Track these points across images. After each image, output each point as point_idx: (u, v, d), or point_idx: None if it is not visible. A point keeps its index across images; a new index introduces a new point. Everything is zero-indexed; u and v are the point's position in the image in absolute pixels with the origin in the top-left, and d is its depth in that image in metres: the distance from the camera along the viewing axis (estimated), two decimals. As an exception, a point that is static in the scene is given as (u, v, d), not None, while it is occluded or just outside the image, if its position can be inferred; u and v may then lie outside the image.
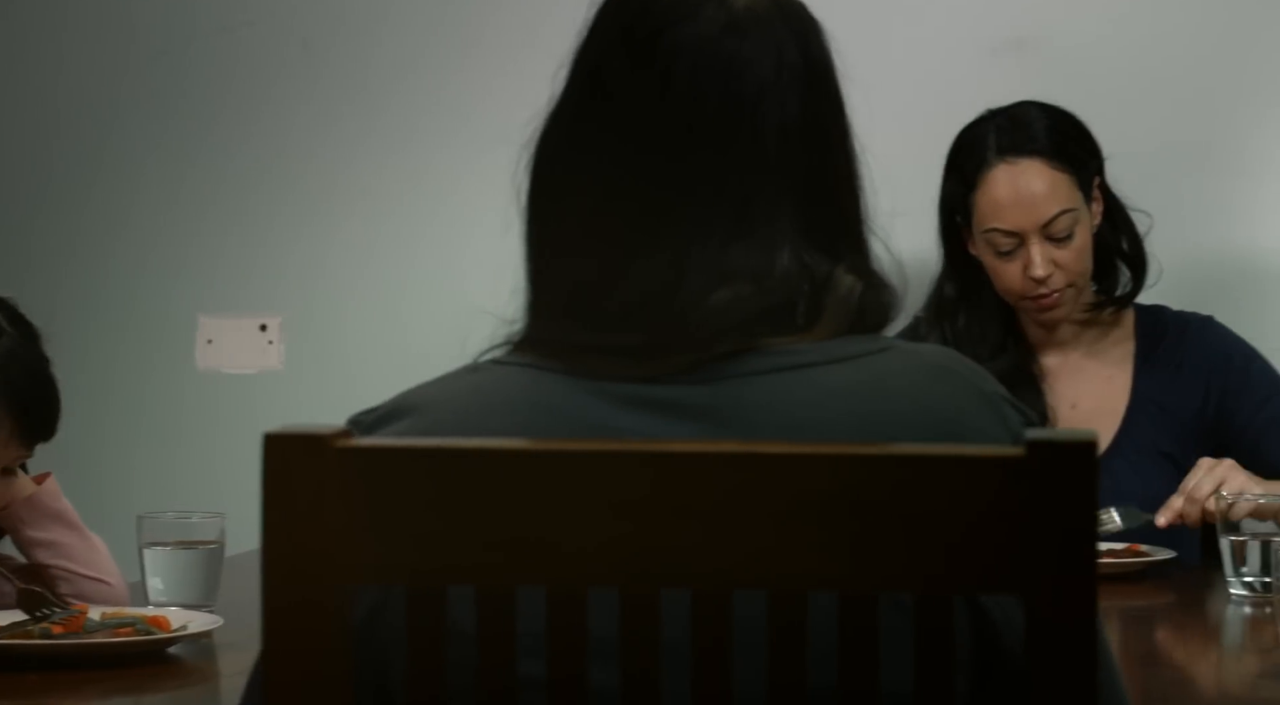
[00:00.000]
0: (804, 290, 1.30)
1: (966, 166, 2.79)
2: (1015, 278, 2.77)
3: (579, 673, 1.10)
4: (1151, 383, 2.82)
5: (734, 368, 1.27)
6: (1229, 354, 2.81)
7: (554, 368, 1.30)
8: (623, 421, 1.27)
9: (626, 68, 1.32)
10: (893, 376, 1.28)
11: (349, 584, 1.10)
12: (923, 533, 1.10)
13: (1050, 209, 2.74)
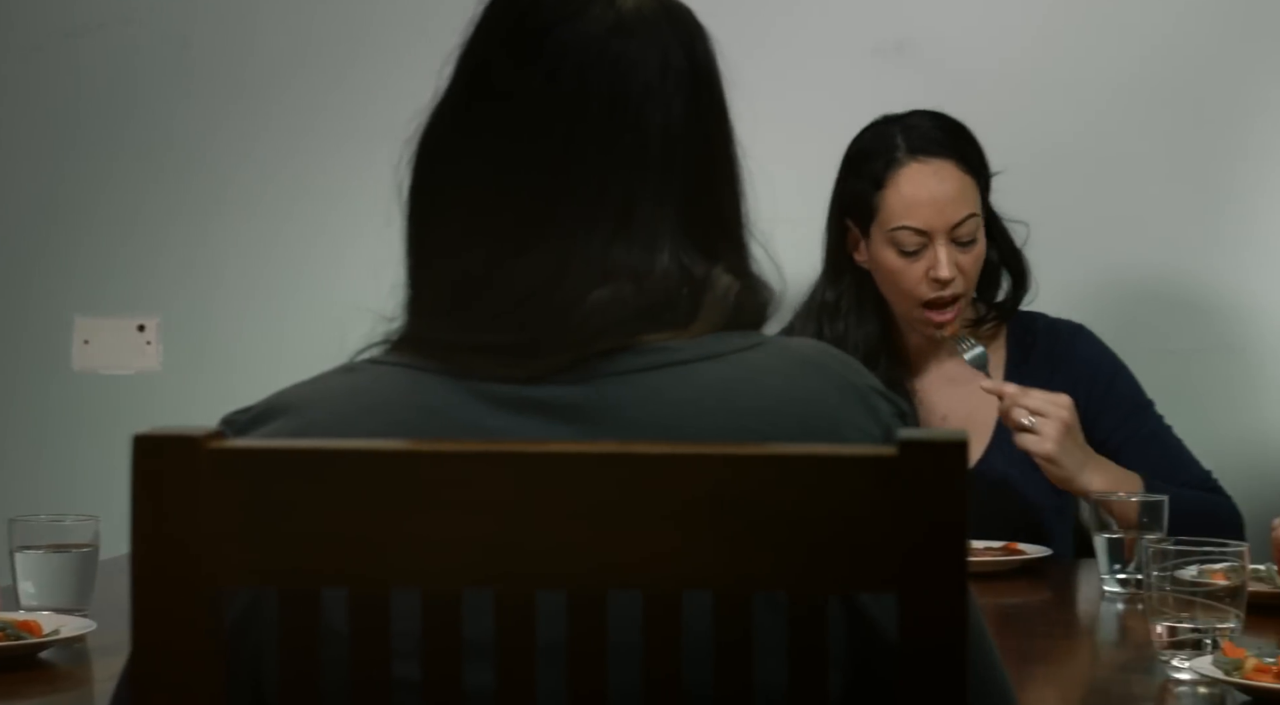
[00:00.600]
0: (683, 289, 1.30)
1: (875, 165, 2.78)
2: (917, 279, 2.76)
3: (453, 674, 1.10)
4: (1024, 394, 2.84)
5: (610, 366, 1.27)
6: (1097, 365, 2.83)
7: (431, 367, 1.29)
8: (500, 422, 1.27)
9: (512, 65, 1.33)
10: (766, 372, 1.29)
11: (221, 586, 1.09)
12: (796, 532, 1.10)
13: (961, 211, 2.76)
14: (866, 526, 1.10)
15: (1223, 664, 1.78)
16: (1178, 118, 3.16)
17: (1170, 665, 1.90)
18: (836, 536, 1.11)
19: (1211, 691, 1.82)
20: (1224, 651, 1.82)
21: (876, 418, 1.30)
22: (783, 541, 1.10)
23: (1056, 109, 3.20)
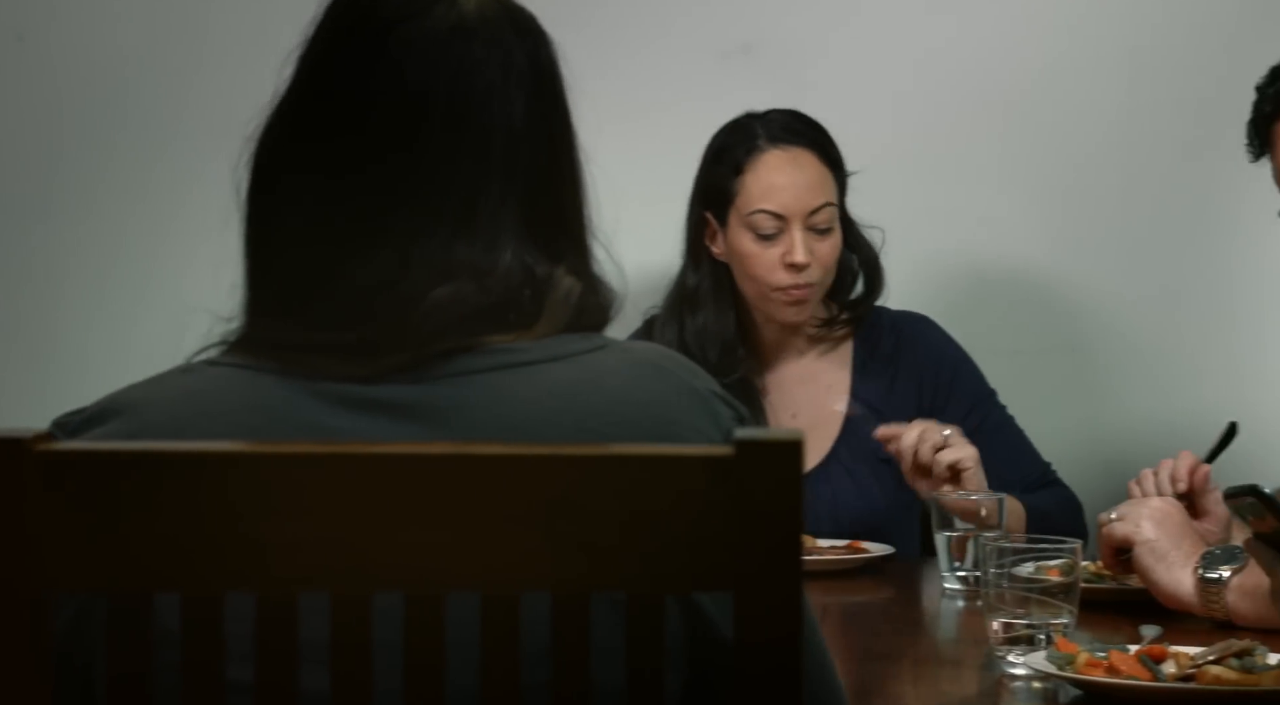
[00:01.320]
0: (525, 289, 1.30)
1: (736, 152, 2.82)
2: (772, 265, 2.79)
3: (288, 677, 1.09)
4: (870, 389, 2.87)
5: (453, 366, 1.27)
6: (941, 356, 2.88)
7: (270, 368, 1.29)
8: (341, 422, 1.26)
9: (353, 64, 1.32)
10: (609, 374, 1.30)
11: (49, 592, 1.07)
12: (633, 532, 1.11)
13: (818, 198, 2.79)
14: (703, 526, 1.11)
15: (1056, 659, 1.81)
16: (1021, 121, 3.21)
17: (1006, 661, 1.93)
18: (673, 536, 1.11)
19: (1045, 686, 1.85)
20: (1057, 647, 1.85)
21: (717, 422, 1.31)
22: (620, 542, 1.10)
23: (902, 112, 3.23)
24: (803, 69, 3.21)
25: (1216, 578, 2.12)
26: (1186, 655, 1.78)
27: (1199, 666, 1.74)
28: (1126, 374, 3.19)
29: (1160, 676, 1.74)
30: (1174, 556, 2.18)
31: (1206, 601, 2.13)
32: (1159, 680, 1.74)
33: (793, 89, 3.06)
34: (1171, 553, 2.19)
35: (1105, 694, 1.76)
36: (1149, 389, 3.18)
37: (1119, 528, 2.24)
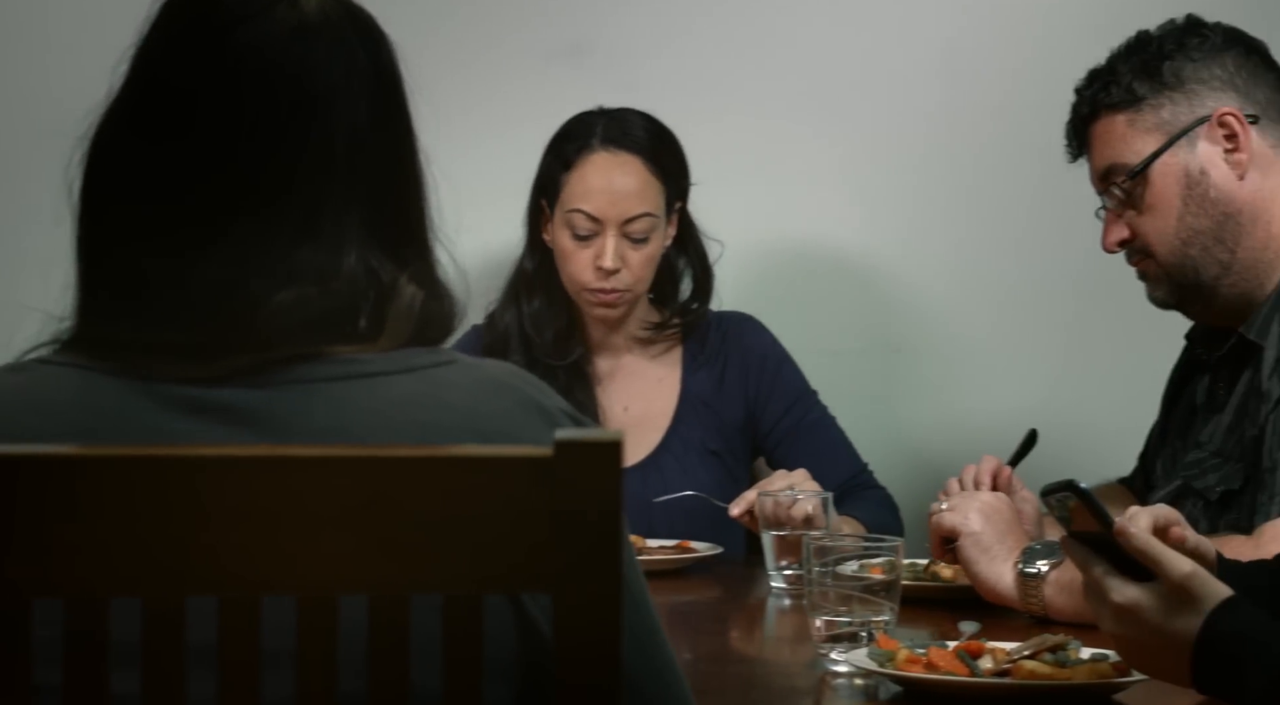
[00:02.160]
0: (368, 296, 1.30)
1: (569, 147, 2.85)
2: (584, 266, 2.82)
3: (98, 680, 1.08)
4: (699, 383, 2.91)
5: (295, 374, 1.27)
6: (765, 355, 2.93)
7: (104, 368, 1.27)
8: (177, 425, 1.25)
9: (192, 64, 1.31)
10: (454, 389, 1.30)
11: None
12: (452, 533, 1.11)
13: (636, 207, 2.82)
14: (522, 527, 1.12)
15: (876, 656, 1.84)
16: (846, 123, 3.25)
17: (829, 658, 1.96)
18: (493, 537, 1.12)
19: (866, 683, 1.88)
20: (878, 644, 1.88)
21: None
22: (438, 543, 1.11)
23: (730, 113, 3.26)
24: (632, 69, 3.23)
25: (1035, 572, 2.17)
26: (1003, 650, 1.81)
27: (1014, 662, 1.78)
28: (946, 374, 3.25)
29: (977, 672, 1.77)
30: (997, 550, 2.22)
31: (1025, 596, 2.17)
32: (975, 675, 1.77)
33: (622, 89, 3.08)
34: (995, 546, 2.23)
35: (923, 690, 1.79)
36: (968, 389, 3.24)
37: (948, 518, 2.28)
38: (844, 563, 2.06)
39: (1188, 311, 2.46)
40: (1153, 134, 2.38)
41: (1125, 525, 1.56)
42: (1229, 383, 2.39)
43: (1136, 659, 1.62)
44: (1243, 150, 2.36)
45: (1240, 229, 2.36)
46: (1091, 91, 2.42)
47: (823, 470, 2.73)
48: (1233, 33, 2.41)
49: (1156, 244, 2.40)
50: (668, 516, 2.77)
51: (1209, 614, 1.50)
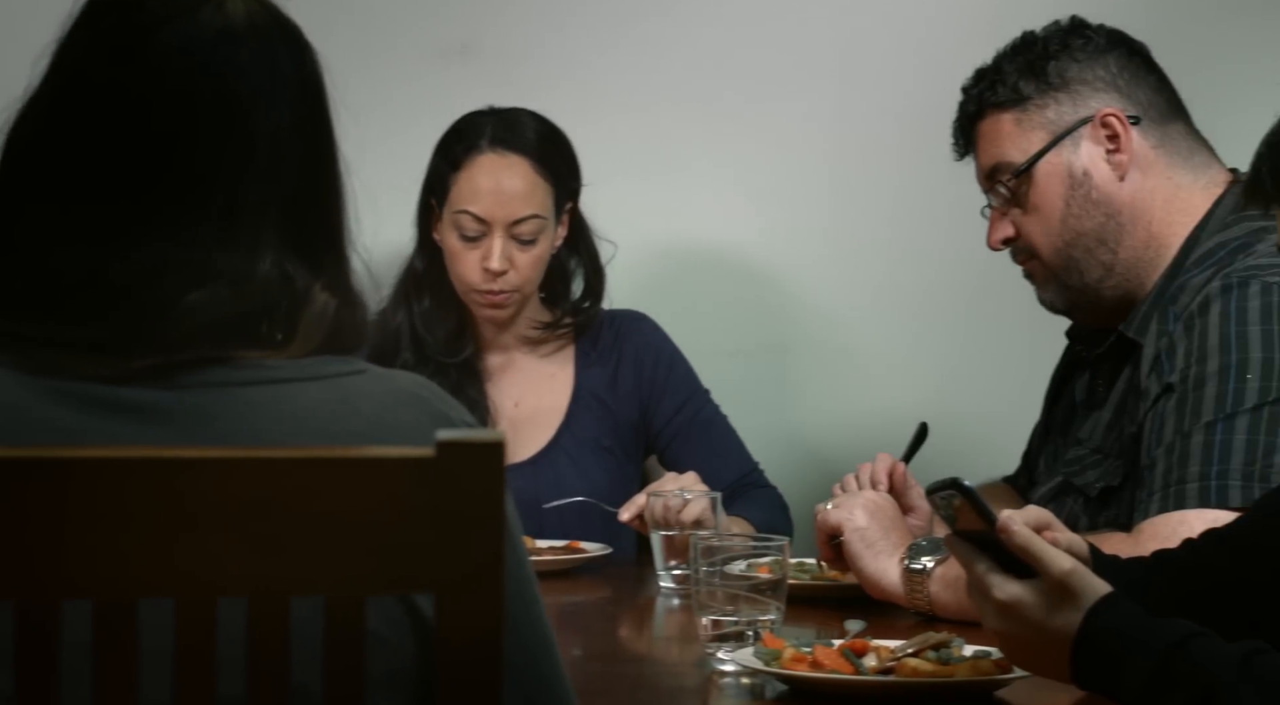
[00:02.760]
0: (281, 301, 1.30)
1: (457, 148, 2.84)
2: (472, 267, 2.82)
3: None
4: (592, 379, 2.92)
5: (205, 377, 1.26)
6: (657, 353, 2.94)
7: (7, 362, 1.26)
8: (84, 423, 1.24)
9: (115, 63, 1.31)
10: (364, 399, 1.30)
11: None
12: (335, 534, 1.10)
13: (523, 209, 2.81)
14: (405, 528, 1.11)
15: (762, 655, 1.85)
16: (738, 125, 3.26)
17: (716, 657, 1.96)
18: (375, 538, 1.11)
19: (753, 682, 1.89)
20: (764, 643, 1.88)
21: None
22: (320, 545, 1.10)
23: (620, 114, 3.26)
24: (524, 69, 3.22)
25: (920, 568, 2.18)
26: (887, 648, 1.82)
27: (898, 659, 1.79)
28: (836, 374, 3.26)
29: (861, 670, 1.78)
30: (882, 546, 2.24)
31: (911, 592, 2.19)
32: (860, 673, 1.78)
33: (511, 89, 3.07)
34: (880, 542, 2.24)
35: (808, 688, 1.80)
36: (858, 388, 3.26)
37: (833, 515, 2.29)
38: (732, 562, 2.06)
39: (1075, 316, 2.48)
40: (1038, 133, 2.40)
41: (1008, 523, 1.58)
42: (1109, 380, 2.42)
43: (1018, 655, 1.63)
44: (1124, 151, 2.38)
45: (1122, 229, 2.38)
46: (978, 90, 2.44)
47: (713, 469, 2.74)
48: (1116, 34, 2.43)
49: (1040, 243, 2.42)
50: (560, 516, 2.77)
51: (1088, 610, 1.52)
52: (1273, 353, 2.18)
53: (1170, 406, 2.22)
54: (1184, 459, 2.18)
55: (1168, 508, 2.16)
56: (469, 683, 1.11)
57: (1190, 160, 2.40)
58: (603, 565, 2.64)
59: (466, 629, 1.11)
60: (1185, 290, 2.31)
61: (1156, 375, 2.27)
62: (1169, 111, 2.41)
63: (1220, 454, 2.15)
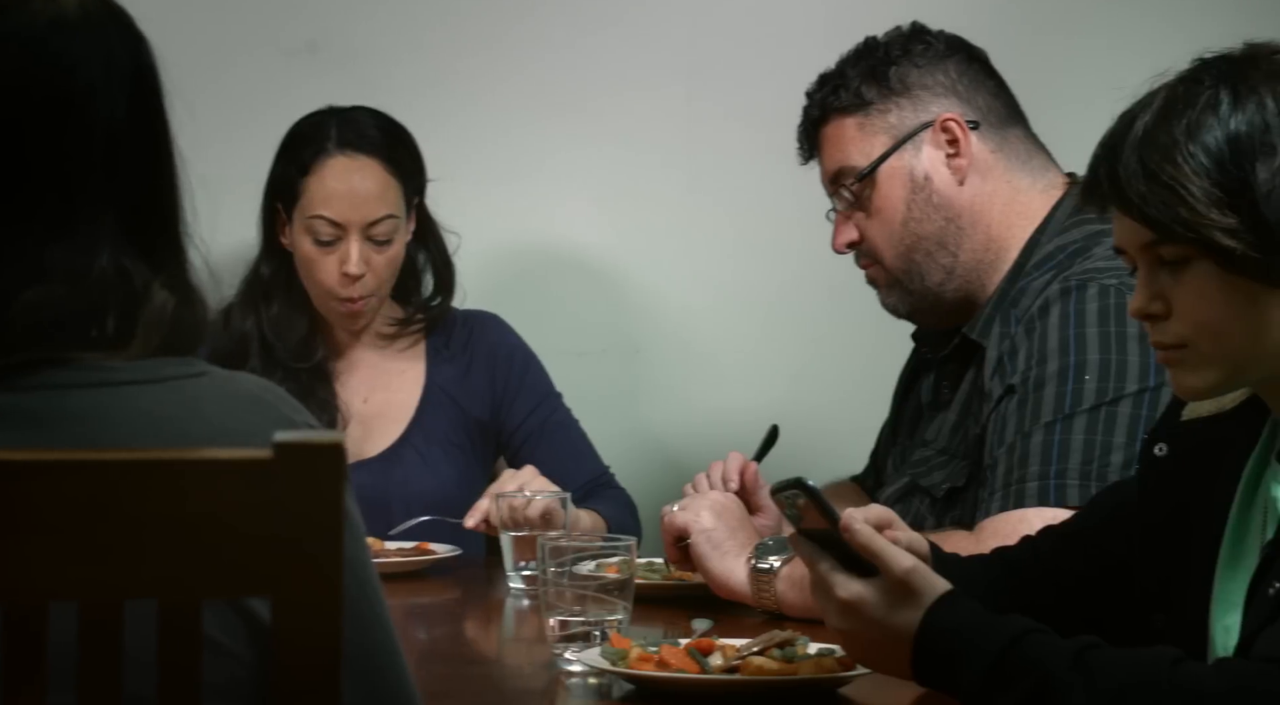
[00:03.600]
0: (119, 298, 1.28)
1: (304, 152, 2.81)
2: (329, 272, 2.80)
3: None
4: (445, 376, 2.91)
5: (45, 379, 1.25)
6: (511, 354, 2.94)
7: None
8: None
9: None
10: (205, 402, 1.29)
11: None
12: (169, 538, 1.09)
13: (378, 210, 2.80)
14: (241, 530, 1.11)
15: (609, 654, 1.85)
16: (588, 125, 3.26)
17: (563, 658, 1.96)
18: (211, 541, 1.10)
19: (600, 682, 1.89)
20: (611, 643, 1.89)
21: None
22: (154, 548, 1.09)
23: (471, 113, 3.25)
24: (369, 67, 3.21)
25: (767, 567, 2.20)
26: (733, 647, 1.83)
27: (744, 658, 1.80)
28: (687, 374, 3.28)
29: (707, 669, 1.79)
30: (729, 546, 2.25)
31: (758, 591, 2.20)
32: (705, 672, 1.79)
33: (359, 87, 3.06)
34: (727, 542, 2.26)
35: (654, 687, 1.81)
36: (709, 389, 3.28)
37: (679, 516, 2.30)
38: (580, 563, 2.07)
39: (918, 319, 2.51)
40: (880, 138, 2.43)
41: (850, 522, 1.59)
42: (954, 382, 2.45)
43: (860, 653, 1.65)
44: (964, 155, 2.41)
45: (962, 233, 2.42)
46: (821, 95, 2.46)
47: (564, 472, 2.74)
48: (955, 40, 2.46)
49: (883, 247, 2.44)
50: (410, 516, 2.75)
51: (927, 608, 1.54)
52: (1109, 354, 2.22)
53: (1011, 407, 2.26)
54: (1024, 459, 2.21)
55: (1008, 506, 2.19)
56: (307, 687, 1.10)
57: (1028, 164, 2.44)
58: (452, 566, 2.63)
59: (304, 633, 1.10)
60: (1026, 293, 2.34)
61: (999, 377, 2.30)
62: (1007, 116, 2.45)
63: (1059, 453, 2.19)
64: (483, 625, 2.46)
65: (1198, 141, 1.57)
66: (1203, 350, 1.60)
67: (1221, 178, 1.57)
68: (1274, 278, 1.57)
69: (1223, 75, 1.60)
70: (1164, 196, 1.58)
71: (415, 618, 2.33)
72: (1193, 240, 1.58)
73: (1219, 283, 1.58)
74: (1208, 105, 1.58)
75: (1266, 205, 1.56)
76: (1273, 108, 1.57)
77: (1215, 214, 1.56)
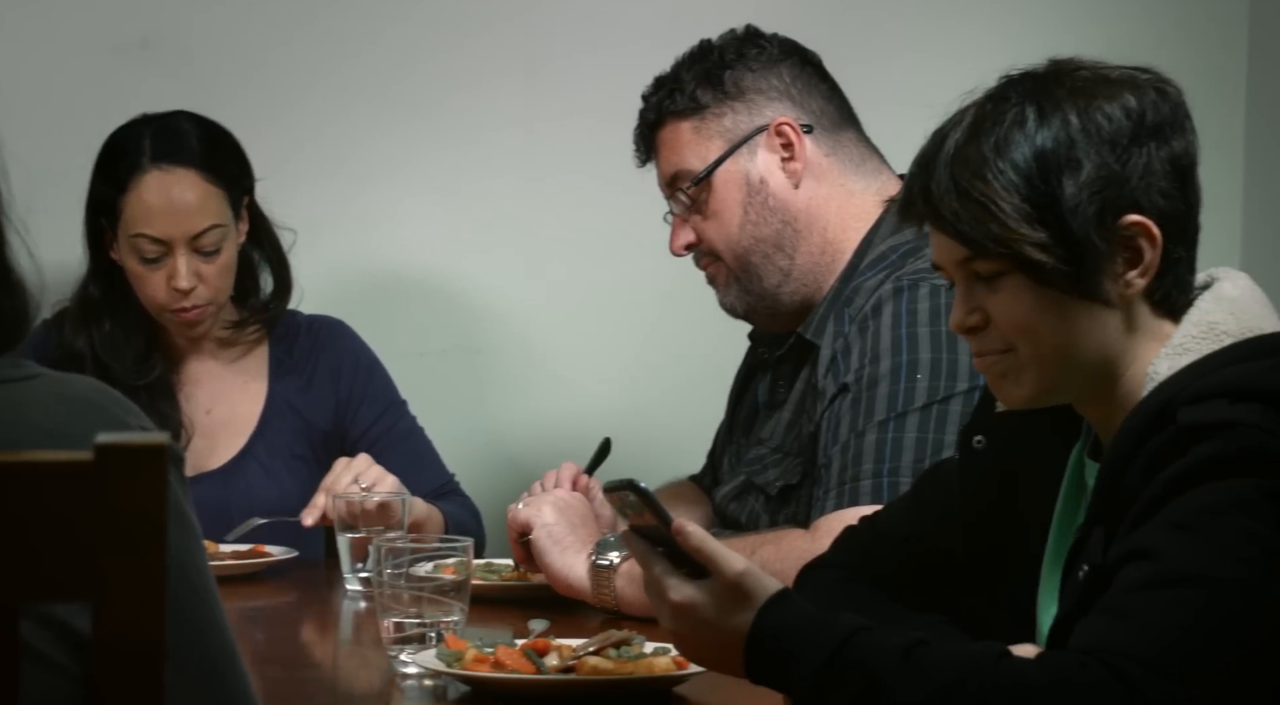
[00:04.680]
0: None
1: (119, 169, 2.75)
2: (159, 288, 2.75)
3: None
4: (288, 387, 2.88)
5: None
6: (356, 360, 2.90)
7: None
8: None
9: None
10: (34, 406, 1.26)
11: None
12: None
13: (201, 222, 2.75)
14: (62, 534, 1.09)
15: (445, 656, 1.85)
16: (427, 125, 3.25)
17: (398, 660, 1.96)
18: (30, 545, 1.09)
19: (435, 684, 1.89)
20: (447, 644, 1.89)
21: None
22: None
23: (307, 111, 3.23)
24: (203, 66, 3.18)
25: (607, 564, 2.21)
26: (569, 647, 1.83)
27: (579, 658, 1.81)
28: (529, 376, 3.28)
29: (542, 669, 1.80)
30: (569, 542, 2.26)
31: (597, 587, 2.21)
32: (541, 673, 1.79)
33: (194, 86, 3.03)
34: (567, 538, 2.26)
35: (490, 688, 1.81)
36: (550, 390, 3.28)
37: (522, 513, 2.31)
38: (417, 564, 2.06)
39: (755, 320, 2.53)
40: (716, 141, 2.44)
41: (683, 524, 1.60)
42: (789, 381, 2.47)
43: (694, 654, 1.66)
44: (798, 159, 2.43)
45: (798, 235, 2.44)
46: (657, 98, 2.47)
47: (409, 480, 2.72)
48: (788, 44, 2.48)
49: (720, 249, 2.46)
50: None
51: (758, 610, 1.55)
52: (941, 353, 2.26)
53: (845, 406, 2.28)
54: (858, 457, 2.23)
55: (842, 504, 2.21)
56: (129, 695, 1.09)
57: (861, 167, 2.47)
58: (290, 569, 2.61)
59: (126, 640, 1.09)
60: (859, 293, 2.37)
61: (832, 376, 2.33)
62: (840, 120, 2.47)
63: (892, 451, 2.22)
64: (319, 628, 2.44)
65: (1006, 158, 1.60)
66: (1024, 357, 1.63)
67: (1030, 193, 1.60)
68: (1083, 290, 1.61)
69: (1028, 92, 1.63)
70: (976, 213, 1.61)
71: (251, 621, 2.32)
72: (1005, 255, 1.61)
73: (1032, 296, 1.62)
74: (1014, 122, 1.61)
75: (1074, 219, 1.60)
76: (1076, 123, 1.61)
77: (1025, 229, 1.60)
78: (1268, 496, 1.49)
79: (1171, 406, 1.54)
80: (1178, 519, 1.49)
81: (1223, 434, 1.51)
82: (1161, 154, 1.61)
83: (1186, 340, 1.61)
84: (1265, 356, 1.58)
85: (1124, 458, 1.55)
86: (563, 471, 2.44)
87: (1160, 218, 1.61)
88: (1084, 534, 1.58)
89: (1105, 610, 1.47)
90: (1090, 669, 1.42)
